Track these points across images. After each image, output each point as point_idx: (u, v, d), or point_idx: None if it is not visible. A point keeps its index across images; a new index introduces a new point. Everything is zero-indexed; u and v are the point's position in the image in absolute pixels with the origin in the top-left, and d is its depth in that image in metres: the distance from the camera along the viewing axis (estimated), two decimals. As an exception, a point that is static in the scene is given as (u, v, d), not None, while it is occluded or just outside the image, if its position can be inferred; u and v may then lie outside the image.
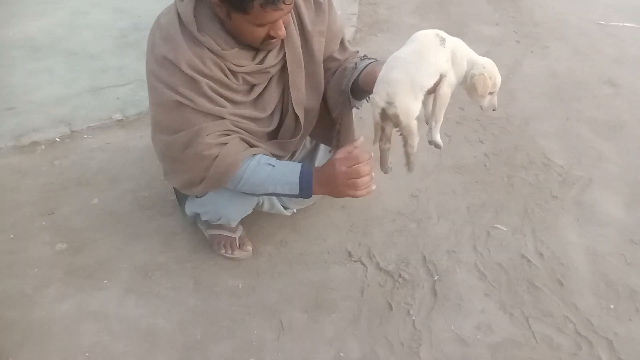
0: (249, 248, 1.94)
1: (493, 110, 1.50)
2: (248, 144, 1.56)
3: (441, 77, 1.34)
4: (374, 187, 1.56)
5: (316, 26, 1.61)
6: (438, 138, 1.41)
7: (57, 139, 2.57)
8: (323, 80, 1.70)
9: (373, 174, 1.54)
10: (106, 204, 2.20)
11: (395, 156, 1.51)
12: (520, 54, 3.42)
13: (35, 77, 3.08)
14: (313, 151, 2.00)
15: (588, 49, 3.49)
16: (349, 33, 3.52)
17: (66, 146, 2.54)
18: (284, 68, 1.60)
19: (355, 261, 1.94)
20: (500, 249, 1.98)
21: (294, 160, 1.95)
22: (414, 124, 1.38)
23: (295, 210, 2.01)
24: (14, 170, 2.39)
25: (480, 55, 1.42)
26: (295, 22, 1.58)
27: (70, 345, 1.67)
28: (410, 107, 1.35)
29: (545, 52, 3.44)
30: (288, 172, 1.52)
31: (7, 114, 2.74)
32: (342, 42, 1.74)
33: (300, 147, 1.95)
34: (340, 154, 1.50)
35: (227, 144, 1.49)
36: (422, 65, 1.33)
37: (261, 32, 1.41)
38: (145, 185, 2.28)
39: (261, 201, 1.78)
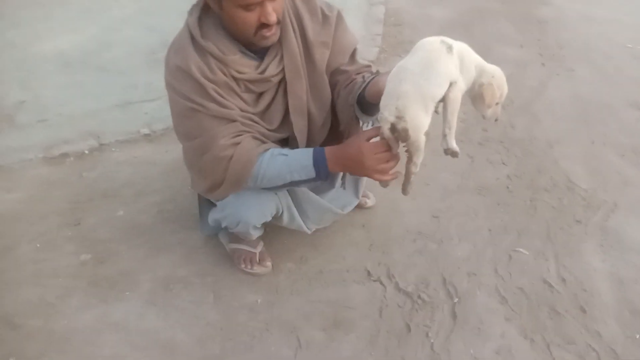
0: (269, 264, 1.96)
1: (495, 120, 1.48)
2: (260, 142, 1.59)
3: (451, 85, 1.32)
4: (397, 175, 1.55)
5: (320, 37, 1.65)
6: (454, 144, 1.38)
7: (86, 152, 2.63)
8: (328, 90, 1.72)
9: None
10: (131, 216, 2.24)
11: (419, 174, 1.51)
12: (545, 76, 3.40)
13: (66, 91, 3.17)
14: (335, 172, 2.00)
15: (614, 72, 3.45)
16: (372, 53, 3.55)
17: (94, 159, 2.60)
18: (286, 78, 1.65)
19: (375, 280, 1.94)
20: (521, 273, 1.96)
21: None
22: (422, 139, 1.36)
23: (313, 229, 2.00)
24: (43, 181, 2.45)
25: (505, 75, 1.41)
26: (298, 32, 1.62)
27: (91, 355, 1.70)
28: (421, 121, 1.34)
29: (571, 74, 3.42)
30: (301, 157, 1.55)
31: (38, 126, 2.83)
32: (352, 55, 1.76)
33: None
34: (367, 135, 1.49)
35: (240, 143, 1.54)
36: (431, 75, 1.30)
37: (251, 17, 1.44)
38: (170, 199, 2.32)
39: (280, 210, 1.78)
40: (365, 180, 1.99)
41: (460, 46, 1.36)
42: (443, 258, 2.03)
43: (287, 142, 1.74)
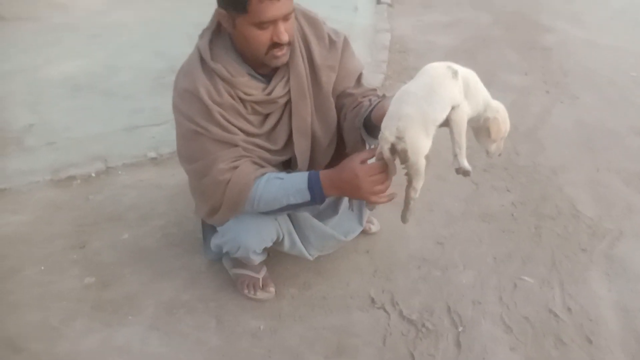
0: (272, 289, 1.96)
1: (499, 155, 1.49)
2: (259, 166, 1.61)
3: (453, 108, 1.32)
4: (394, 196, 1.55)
5: (326, 61, 1.68)
6: (465, 163, 1.36)
7: (93, 175, 2.66)
8: (334, 113, 1.74)
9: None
10: (136, 239, 2.25)
11: (420, 201, 1.51)
12: (549, 103, 3.42)
13: (74, 115, 3.22)
14: (338, 198, 2.00)
15: (619, 100, 3.47)
16: (378, 79, 3.59)
17: (101, 182, 2.62)
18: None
19: (378, 308, 1.93)
20: (526, 302, 1.94)
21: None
22: (422, 162, 1.36)
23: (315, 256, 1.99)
24: (49, 204, 2.47)
25: (508, 104, 1.43)
26: (305, 55, 1.65)
27: (93, 380, 1.68)
28: (421, 143, 1.33)
29: (575, 102, 3.44)
30: (297, 180, 1.56)
31: (46, 148, 2.86)
32: (358, 79, 1.79)
33: None
34: (362, 158, 1.50)
35: (238, 167, 1.56)
36: (434, 99, 1.31)
37: (264, 36, 1.47)
38: (175, 223, 2.33)
39: (281, 235, 1.78)
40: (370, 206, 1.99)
41: (467, 72, 1.37)
42: (447, 285, 2.02)
43: (290, 163, 1.75)
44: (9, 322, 1.89)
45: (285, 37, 1.47)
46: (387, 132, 1.34)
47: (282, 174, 1.61)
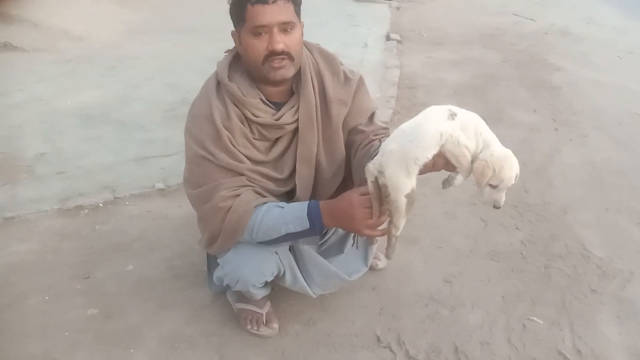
0: (275, 326, 1.92)
1: (494, 207, 1.43)
2: (261, 196, 1.61)
3: (445, 141, 1.34)
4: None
5: (339, 95, 1.71)
6: (452, 183, 1.43)
7: (101, 205, 2.67)
8: (341, 146, 1.75)
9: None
10: (141, 270, 2.24)
11: (428, 237, 1.50)
12: (558, 141, 3.42)
13: (85, 144, 3.26)
14: (345, 237, 1.99)
15: (627, 140, 3.46)
16: (387, 115, 3.61)
17: (108, 212, 2.63)
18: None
19: (384, 347, 1.89)
20: (535, 343, 1.90)
21: (325, 242, 1.96)
22: (402, 200, 1.38)
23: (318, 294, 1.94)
24: (56, 233, 2.48)
25: (517, 141, 1.41)
26: (317, 87, 1.68)
27: (91, 415, 1.65)
28: (400, 180, 1.36)
29: (584, 141, 3.43)
30: (297, 209, 1.56)
31: (56, 177, 2.89)
32: (371, 117, 1.80)
33: (332, 231, 1.96)
34: (360, 191, 1.51)
35: (240, 195, 1.56)
36: (417, 137, 1.34)
37: (260, 45, 1.50)
38: (180, 255, 2.32)
39: (282, 270, 1.76)
40: (375, 247, 1.98)
41: (467, 115, 1.38)
42: (455, 325, 1.98)
43: (294, 195, 1.75)
44: (10, 351, 1.87)
45: (278, 45, 1.50)
46: (372, 166, 1.40)
47: (283, 203, 1.61)
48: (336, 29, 5.76)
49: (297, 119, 1.66)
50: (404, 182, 1.37)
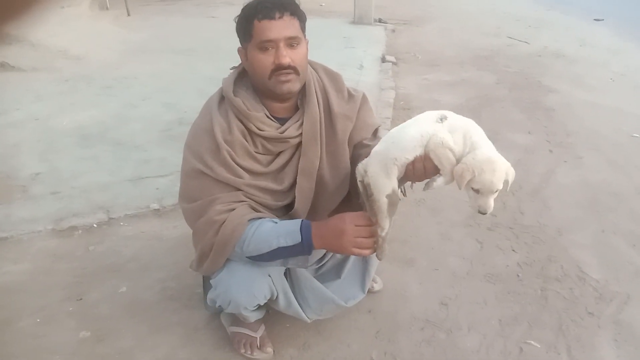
0: (270, 350, 1.90)
1: (479, 212, 1.39)
2: (256, 211, 1.61)
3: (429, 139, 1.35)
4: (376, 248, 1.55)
5: (343, 110, 1.74)
6: (433, 185, 1.41)
7: (95, 225, 2.65)
8: (346, 160, 1.76)
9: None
10: (134, 292, 2.22)
11: (424, 259, 1.49)
12: (553, 163, 3.43)
13: (81, 164, 3.25)
14: (343, 262, 1.98)
15: (622, 161, 3.48)
16: (381, 135, 3.62)
17: (103, 232, 2.61)
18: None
19: (380, 371, 1.86)
20: (533, 368, 1.88)
21: (322, 265, 1.95)
22: (382, 200, 1.42)
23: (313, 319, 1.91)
24: (49, 254, 2.45)
25: (512, 162, 1.39)
26: (322, 103, 1.71)
27: None
28: (379, 180, 1.41)
29: (579, 162, 3.45)
30: (289, 223, 1.56)
31: (51, 197, 2.87)
32: (375, 132, 1.85)
33: (329, 255, 1.95)
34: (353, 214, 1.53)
35: (235, 209, 1.56)
36: (397, 139, 1.40)
37: (266, 59, 1.53)
38: (174, 276, 2.30)
39: (275, 293, 1.73)
40: (372, 273, 1.97)
41: (458, 119, 1.39)
42: (452, 349, 1.96)
43: (292, 207, 1.73)
44: (-1, 376, 1.84)
45: (285, 59, 1.52)
46: (360, 166, 1.47)
47: (277, 219, 1.61)
48: (332, 51, 5.82)
49: (302, 132, 1.67)
50: (383, 182, 1.41)
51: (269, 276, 1.69)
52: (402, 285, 2.26)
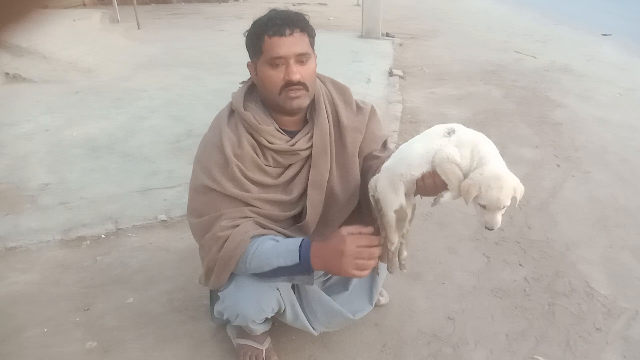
0: (276, 362, 1.89)
1: (486, 227, 1.36)
2: (262, 227, 1.61)
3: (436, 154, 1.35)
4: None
5: (353, 123, 1.75)
6: (439, 201, 1.39)
7: (103, 236, 2.67)
8: (356, 173, 1.77)
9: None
10: (141, 303, 2.22)
11: (431, 273, 1.49)
12: (561, 177, 3.42)
13: (90, 175, 3.28)
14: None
15: (631, 176, 3.46)
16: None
17: (110, 243, 2.63)
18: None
19: (386, 385, 1.85)
20: (541, 384, 1.86)
21: (329, 278, 1.95)
22: (391, 215, 1.44)
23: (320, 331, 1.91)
24: (57, 264, 2.47)
25: (520, 176, 1.38)
26: (331, 116, 1.72)
27: None
28: (387, 195, 1.43)
29: (587, 177, 3.44)
30: (290, 242, 1.55)
31: (60, 208, 2.89)
32: (384, 144, 1.86)
33: None
34: (351, 230, 1.49)
35: (239, 225, 1.56)
36: (404, 154, 1.41)
37: (277, 75, 1.55)
38: (181, 288, 2.30)
39: (283, 307, 1.73)
40: (380, 285, 1.97)
41: (467, 133, 1.37)
42: (458, 364, 1.95)
43: (301, 219, 1.74)
44: (5, 385, 1.85)
45: (295, 76, 1.54)
46: (372, 181, 1.50)
47: (280, 237, 1.60)
48: (340, 65, 5.86)
49: (311, 145, 1.68)
50: (391, 198, 1.43)
51: (277, 289, 1.68)
52: (409, 299, 2.26)
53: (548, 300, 2.28)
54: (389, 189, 1.42)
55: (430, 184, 1.40)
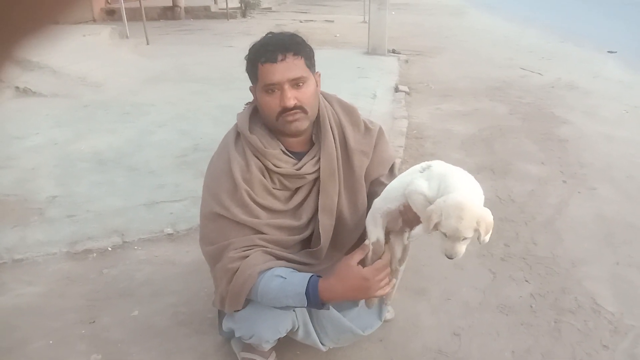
0: (281, 377, 1.88)
1: (447, 256, 1.36)
2: (272, 256, 1.60)
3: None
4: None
5: (360, 145, 1.75)
6: (412, 233, 1.51)
7: (109, 249, 2.68)
8: (363, 196, 1.77)
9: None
10: (146, 316, 2.23)
11: (437, 289, 1.49)
12: (567, 194, 3.41)
13: (97, 189, 3.30)
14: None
15: (637, 193, 3.45)
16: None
17: (117, 256, 2.64)
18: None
19: (391, 401, 1.84)
20: (547, 402, 1.84)
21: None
22: (377, 245, 1.55)
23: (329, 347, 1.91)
24: (63, 276, 2.48)
25: (526, 193, 1.41)
26: (338, 139, 1.72)
27: None
28: (369, 228, 1.57)
29: (593, 193, 3.43)
30: (297, 282, 1.52)
31: (66, 221, 2.91)
32: (391, 169, 1.85)
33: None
34: (357, 260, 1.56)
35: (248, 256, 1.55)
36: (387, 190, 1.55)
37: (272, 102, 1.55)
38: (186, 301, 2.30)
39: (296, 326, 1.74)
40: (390, 302, 1.96)
41: (440, 168, 1.43)
42: (463, 380, 1.93)
43: (311, 242, 1.74)
44: (10, 398, 1.85)
45: (290, 102, 1.54)
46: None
47: (287, 272, 1.57)
48: (346, 81, 5.90)
49: (318, 169, 1.68)
50: (371, 230, 1.57)
51: (294, 311, 1.69)
52: (414, 315, 2.25)
53: (554, 317, 2.26)
54: (370, 222, 1.56)
55: (411, 217, 1.47)
